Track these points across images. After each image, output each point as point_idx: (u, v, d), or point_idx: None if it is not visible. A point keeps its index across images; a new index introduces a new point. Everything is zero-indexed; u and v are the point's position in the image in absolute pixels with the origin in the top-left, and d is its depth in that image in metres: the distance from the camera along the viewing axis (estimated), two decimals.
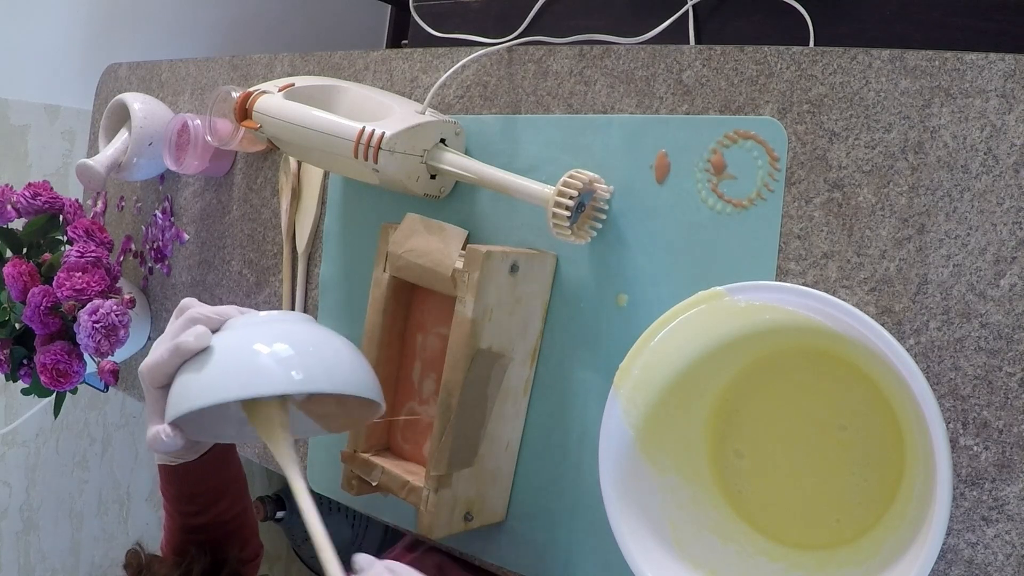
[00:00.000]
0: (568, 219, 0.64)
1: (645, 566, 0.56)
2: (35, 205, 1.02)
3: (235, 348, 0.57)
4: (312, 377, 0.56)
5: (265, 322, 0.60)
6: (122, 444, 1.68)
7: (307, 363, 0.57)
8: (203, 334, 0.57)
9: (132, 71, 1.21)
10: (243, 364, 0.56)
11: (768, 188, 0.61)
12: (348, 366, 0.59)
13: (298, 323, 0.61)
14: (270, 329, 0.59)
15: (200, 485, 0.68)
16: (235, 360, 0.57)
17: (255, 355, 0.56)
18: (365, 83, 0.87)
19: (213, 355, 0.57)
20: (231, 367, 0.56)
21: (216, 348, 0.57)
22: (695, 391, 0.60)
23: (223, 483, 0.70)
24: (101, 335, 0.92)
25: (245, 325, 0.59)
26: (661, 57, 0.67)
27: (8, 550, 1.50)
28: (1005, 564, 0.52)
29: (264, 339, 0.57)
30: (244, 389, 0.55)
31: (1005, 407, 0.52)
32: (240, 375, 0.55)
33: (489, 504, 0.72)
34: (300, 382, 0.56)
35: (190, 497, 0.69)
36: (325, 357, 0.58)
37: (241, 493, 0.73)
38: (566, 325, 0.71)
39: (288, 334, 0.58)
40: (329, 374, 0.57)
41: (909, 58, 0.56)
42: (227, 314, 0.61)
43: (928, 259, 0.55)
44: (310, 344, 0.58)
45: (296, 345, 0.57)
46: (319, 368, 0.57)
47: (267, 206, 0.98)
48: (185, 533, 0.71)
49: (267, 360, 0.56)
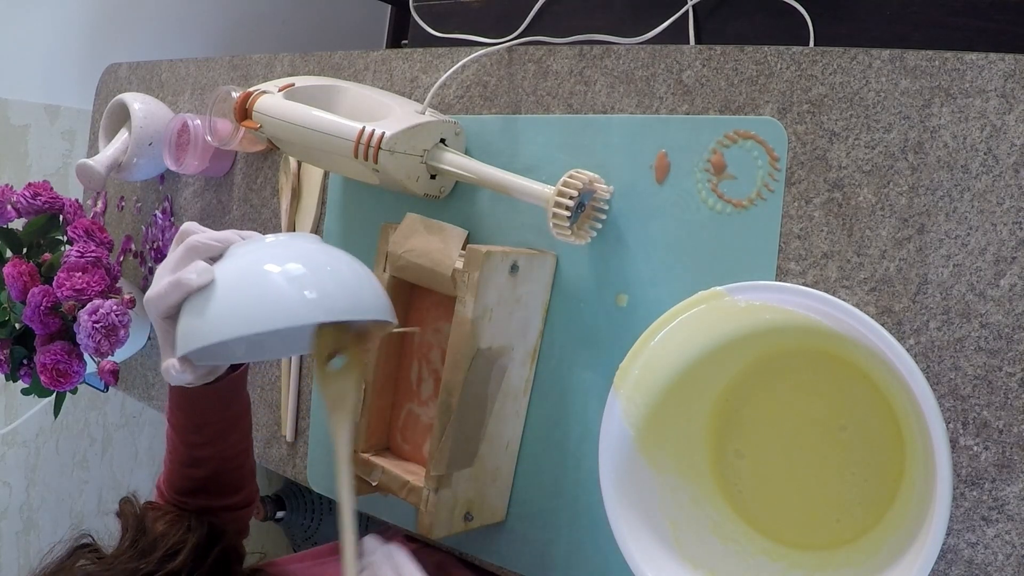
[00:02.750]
0: (568, 219, 0.64)
1: (645, 566, 0.56)
2: (35, 205, 1.02)
3: (241, 281, 0.56)
4: (330, 307, 0.55)
5: (271, 247, 0.58)
6: (122, 444, 1.68)
7: (324, 291, 0.55)
8: (205, 270, 0.56)
9: (132, 71, 1.21)
10: (254, 300, 0.55)
11: (768, 188, 0.61)
12: (368, 288, 0.58)
13: (305, 244, 0.59)
14: (275, 253, 0.57)
15: (210, 415, 0.68)
16: (245, 295, 0.55)
17: (263, 288, 0.55)
18: (365, 83, 0.87)
19: (217, 289, 0.55)
20: (242, 302, 0.55)
21: (220, 281, 0.56)
22: (695, 391, 0.60)
23: (233, 416, 0.70)
24: (101, 335, 0.92)
25: (249, 252, 0.58)
26: (661, 57, 0.67)
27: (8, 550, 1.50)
28: (1005, 564, 0.52)
29: (273, 264, 0.56)
30: (252, 325, 0.54)
31: (1005, 407, 0.52)
32: (249, 310, 0.54)
33: (489, 504, 0.72)
34: (316, 312, 0.54)
35: (197, 427, 0.68)
36: (342, 282, 0.56)
37: (246, 431, 0.73)
38: (566, 325, 0.71)
39: (299, 257, 0.57)
40: (348, 300, 0.56)
41: (909, 58, 0.56)
42: (228, 240, 0.59)
43: (928, 259, 0.55)
44: (323, 269, 0.56)
45: (310, 273, 0.56)
46: (336, 295, 0.55)
47: (267, 206, 0.98)
48: (186, 467, 0.70)
49: (277, 291, 0.54)
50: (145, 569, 0.60)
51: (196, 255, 0.58)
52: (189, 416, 0.68)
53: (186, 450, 0.70)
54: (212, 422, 0.69)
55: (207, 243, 0.58)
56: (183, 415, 0.68)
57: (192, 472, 0.71)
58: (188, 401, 0.67)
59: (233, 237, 0.59)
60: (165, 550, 0.62)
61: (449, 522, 0.69)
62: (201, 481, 0.72)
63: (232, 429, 0.70)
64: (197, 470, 0.71)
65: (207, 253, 0.58)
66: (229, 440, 0.70)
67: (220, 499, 0.73)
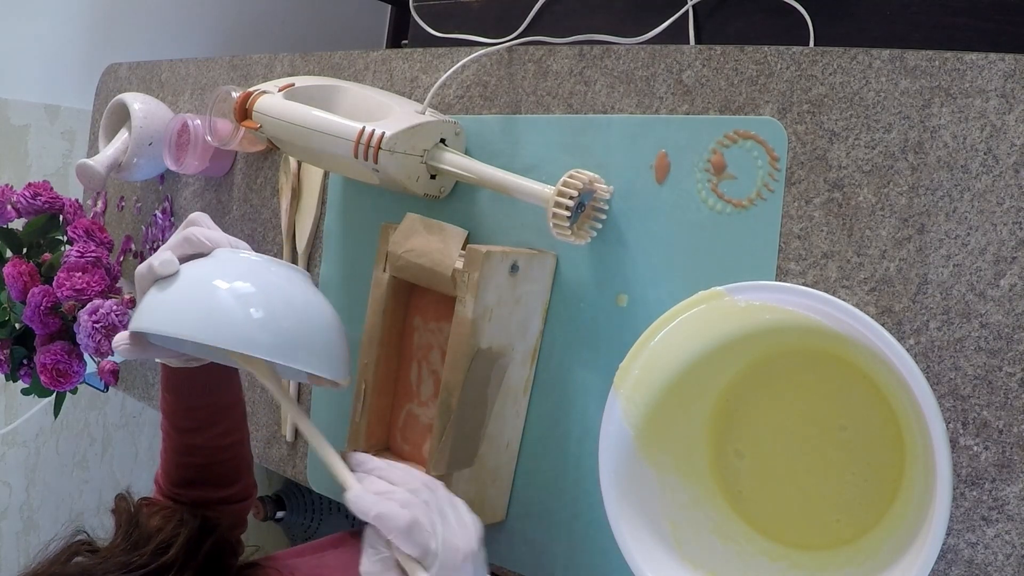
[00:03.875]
0: (568, 219, 0.64)
1: (645, 566, 0.56)
2: (35, 205, 1.02)
3: (195, 288, 0.58)
4: (264, 344, 0.56)
5: (240, 266, 0.60)
6: (122, 444, 1.68)
7: (269, 328, 0.56)
8: (168, 261, 0.59)
9: (132, 71, 1.21)
10: (197, 306, 0.57)
11: (768, 188, 0.61)
12: (315, 340, 0.59)
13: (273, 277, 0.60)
14: (236, 272, 0.59)
15: (197, 398, 0.70)
16: (190, 300, 0.57)
17: (211, 302, 0.57)
18: (365, 83, 0.87)
19: (175, 285, 0.58)
20: (185, 305, 0.57)
21: (181, 279, 0.58)
22: (695, 391, 0.60)
23: (223, 403, 0.72)
24: (101, 335, 0.92)
25: (221, 263, 0.60)
26: (661, 57, 0.67)
27: (8, 550, 1.50)
28: (1005, 564, 0.52)
29: (228, 284, 0.57)
30: (192, 331, 0.56)
31: (1005, 407, 0.52)
32: (191, 316, 0.56)
33: (489, 504, 0.72)
34: (254, 345, 0.56)
35: (186, 411, 0.70)
36: (288, 325, 0.58)
37: (238, 424, 0.74)
38: (566, 325, 0.71)
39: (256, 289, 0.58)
40: (287, 345, 0.57)
41: (909, 58, 0.56)
42: (218, 243, 0.62)
43: (928, 259, 0.55)
44: (277, 308, 0.57)
45: (262, 307, 0.57)
46: (277, 337, 0.57)
47: (267, 206, 0.98)
48: (180, 455, 0.72)
49: (222, 314, 0.56)
50: (138, 562, 0.61)
51: (188, 246, 0.61)
52: (178, 399, 0.70)
53: (178, 437, 0.71)
54: (201, 406, 0.70)
55: (198, 239, 0.61)
56: (172, 398, 0.70)
57: (186, 460, 0.72)
58: (176, 383, 0.69)
59: (223, 242, 0.62)
60: (157, 543, 0.63)
61: None
62: (196, 470, 0.73)
63: (223, 416, 0.72)
64: (191, 458, 0.72)
65: (196, 248, 0.61)
66: (220, 428, 0.72)
67: (216, 491, 0.74)
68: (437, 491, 0.55)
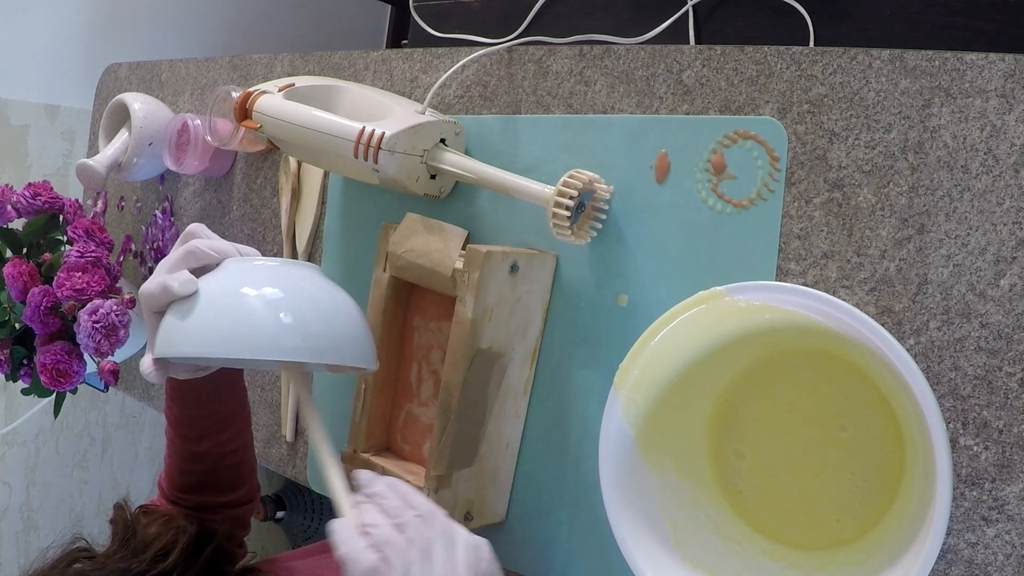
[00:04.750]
0: (568, 219, 0.64)
1: (645, 566, 0.56)
2: (35, 205, 1.02)
3: (223, 304, 0.57)
4: (300, 347, 0.56)
5: (261, 272, 0.59)
6: (122, 444, 1.68)
7: (303, 332, 0.56)
8: (188, 281, 0.57)
9: (132, 71, 1.21)
10: (233, 323, 0.56)
11: (768, 188, 0.61)
12: (351, 334, 0.59)
13: (295, 278, 0.59)
14: (259, 280, 0.58)
15: (205, 408, 0.69)
16: (223, 317, 0.56)
17: (245, 316, 0.56)
18: (365, 83, 0.87)
19: (199, 304, 0.56)
20: (219, 322, 0.56)
21: (203, 296, 0.57)
22: (695, 391, 0.60)
23: (228, 411, 0.71)
24: (101, 335, 0.92)
25: (239, 272, 0.59)
26: (661, 57, 0.67)
27: (8, 550, 1.50)
28: (1005, 564, 0.52)
29: (256, 293, 0.57)
30: (234, 349, 0.55)
31: (1005, 407, 0.52)
32: (229, 334, 0.55)
33: (489, 504, 0.72)
34: (289, 350, 0.55)
35: (192, 420, 0.69)
36: (326, 322, 0.58)
37: (243, 428, 0.74)
38: (566, 325, 0.71)
39: (284, 294, 0.57)
40: (321, 343, 0.57)
41: (909, 58, 0.56)
42: (226, 253, 0.60)
43: (928, 259, 0.55)
44: (305, 309, 0.57)
45: (291, 311, 0.56)
46: (312, 338, 0.57)
47: (267, 206, 0.98)
48: (185, 462, 0.71)
49: (258, 327, 0.55)
50: (137, 568, 0.61)
51: (193, 260, 0.59)
52: (184, 409, 0.69)
53: (183, 445, 0.70)
54: (207, 416, 0.69)
55: (205, 251, 0.59)
56: (178, 408, 0.69)
57: (191, 467, 0.71)
58: (182, 394, 0.68)
59: (231, 251, 0.61)
60: (157, 550, 0.63)
61: None
62: (200, 476, 0.72)
63: (228, 424, 0.71)
64: (195, 465, 0.71)
65: (203, 261, 0.60)
66: (225, 434, 0.71)
67: (220, 495, 0.74)
68: (434, 523, 0.52)
